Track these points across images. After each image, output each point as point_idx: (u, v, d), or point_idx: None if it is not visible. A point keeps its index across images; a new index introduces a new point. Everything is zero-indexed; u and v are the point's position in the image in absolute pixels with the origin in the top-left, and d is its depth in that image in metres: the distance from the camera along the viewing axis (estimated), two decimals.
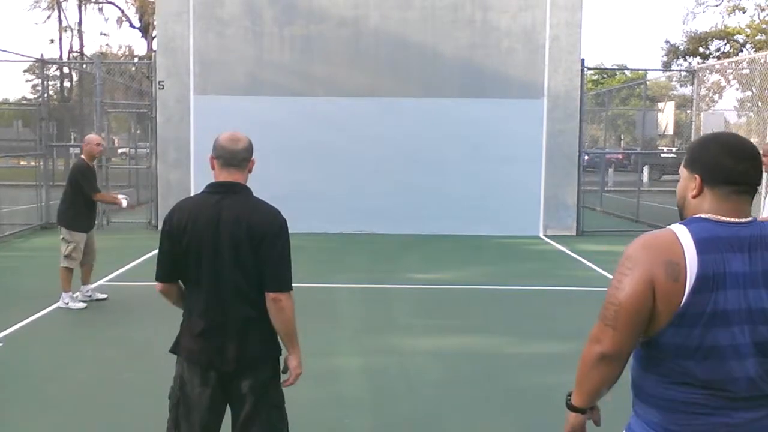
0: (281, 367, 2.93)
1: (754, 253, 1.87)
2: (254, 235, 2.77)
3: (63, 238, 7.31)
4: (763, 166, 2.20)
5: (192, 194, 4.32)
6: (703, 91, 16.13)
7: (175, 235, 2.83)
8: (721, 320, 1.82)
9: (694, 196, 2.06)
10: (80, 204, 7.23)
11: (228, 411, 2.96)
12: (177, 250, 2.83)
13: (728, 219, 1.92)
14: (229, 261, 2.77)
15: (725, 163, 1.93)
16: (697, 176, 2.04)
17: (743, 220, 1.92)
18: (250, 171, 3.00)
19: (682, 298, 1.82)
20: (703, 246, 1.86)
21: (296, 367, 2.97)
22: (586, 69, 13.44)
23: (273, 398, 2.91)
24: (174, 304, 3.09)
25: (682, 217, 2.14)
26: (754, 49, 29.91)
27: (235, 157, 2.89)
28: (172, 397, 3.08)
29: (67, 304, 7.14)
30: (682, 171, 2.15)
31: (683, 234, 1.93)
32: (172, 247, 2.85)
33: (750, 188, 1.94)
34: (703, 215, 1.98)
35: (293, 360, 2.95)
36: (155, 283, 2.98)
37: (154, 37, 19.99)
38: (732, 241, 1.87)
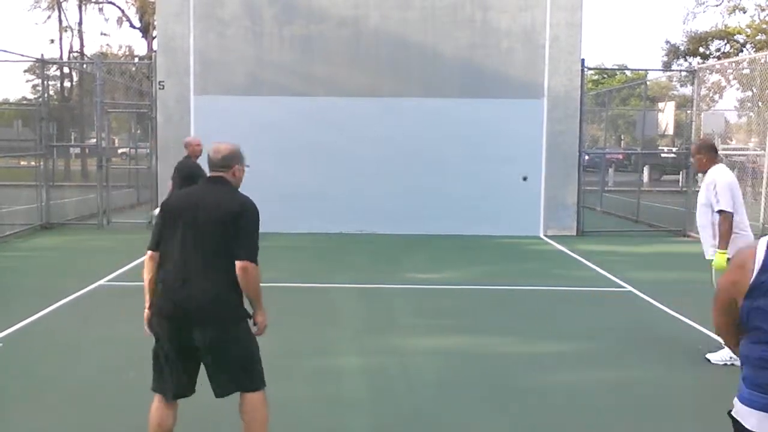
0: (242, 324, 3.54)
1: None
2: (228, 216, 3.41)
3: None
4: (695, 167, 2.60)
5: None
6: (703, 91, 16.12)
7: (167, 213, 3.54)
8: None
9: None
10: None
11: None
12: (166, 225, 3.51)
13: None
14: (205, 234, 3.41)
15: None
16: None
17: None
18: (234, 175, 3.62)
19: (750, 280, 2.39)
20: None
21: (262, 321, 3.68)
22: (586, 69, 13.44)
23: (235, 350, 3.50)
24: (148, 273, 3.55)
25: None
26: (754, 49, 29.90)
27: (216, 163, 3.62)
28: (153, 352, 3.59)
29: None
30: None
31: (763, 241, 2.45)
32: (164, 222, 3.53)
33: None
34: None
35: (259, 316, 3.66)
36: (146, 254, 3.57)
37: (155, 37, 19.99)
38: None
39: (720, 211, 5.37)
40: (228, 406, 3.76)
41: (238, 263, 3.36)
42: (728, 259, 5.23)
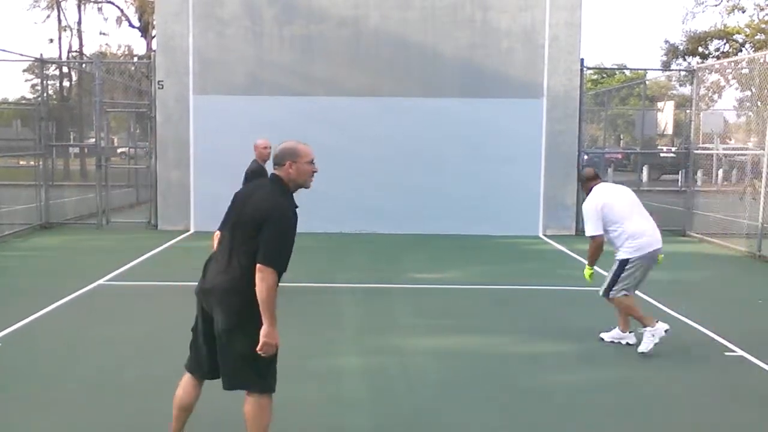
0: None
1: None
2: (258, 215, 3.49)
3: None
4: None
5: (191, 194, 5.02)
6: (702, 91, 16.13)
7: (232, 202, 3.83)
8: None
9: None
10: None
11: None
12: (228, 212, 3.95)
13: None
14: (239, 229, 3.55)
15: None
16: None
17: None
18: (288, 172, 3.72)
19: None
20: None
21: (265, 334, 3.44)
22: (585, 69, 13.44)
23: (241, 344, 3.50)
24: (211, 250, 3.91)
25: None
26: (753, 49, 29.92)
27: (273, 161, 3.83)
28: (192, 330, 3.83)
29: None
30: None
31: None
32: (228, 209, 3.93)
33: None
34: None
35: (264, 327, 3.43)
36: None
37: (154, 36, 19.99)
38: None
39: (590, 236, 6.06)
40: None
41: (257, 265, 3.40)
42: (592, 273, 6.24)
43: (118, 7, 34.65)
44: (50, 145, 15.46)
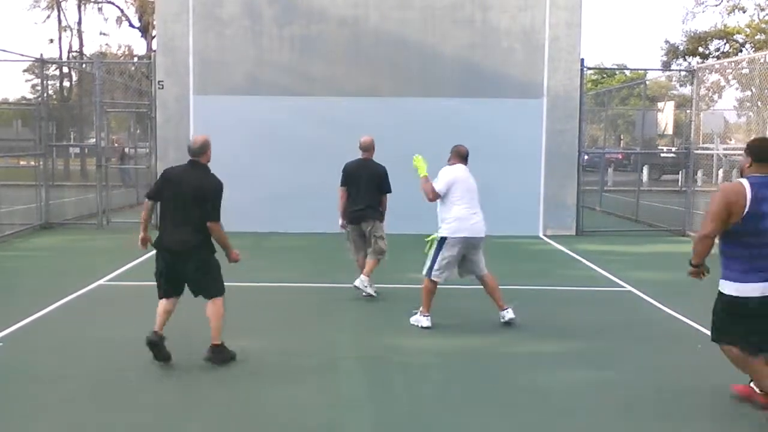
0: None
1: None
2: (204, 190, 5.28)
3: (381, 235, 7.66)
4: None
5: None
6: (702, 91, 16.13)
7: (166, 181, 5.42)
8: (762, 216, 4.34)
9: (748, 167, 4.47)
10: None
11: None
12: (163, 188, 5.43)
13: (762, 174, 4.41)
14: (190, 201, 5.24)
15: (765, 150, 4.47)
16: (750, 157, 4.48)
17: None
18: (208, 160, 5.46)
19: (746, 207, 4.33)
20: (754, 185, 4.36)
21: (234, 256, 5.59)
22: (585, 69, 13.44)
23: (210, 270, 5.45)
24: (144, 215, 5.54)
25: (742, 176, 4.54)
26: (753, 49, 29.93)
27: (194, 151, 5.41)
28: (156, 272, 5.45)
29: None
30: (745, 156, 4.55)
31: (745, 182, 4.40)
32: (162, 185, 5.45)
33: None
34: (752, 174, 4.43)
35: (230, 253, 5.57)
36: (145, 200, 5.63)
37: (154, 36, 19.99)
38: (763, 182, 4.38)
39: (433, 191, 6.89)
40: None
41: (211, 223, 5.31)
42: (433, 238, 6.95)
43: (118, 8, 34.70)
44: (50, 146, 15.47)
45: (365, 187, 7.70)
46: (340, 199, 7.84)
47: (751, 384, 4.70)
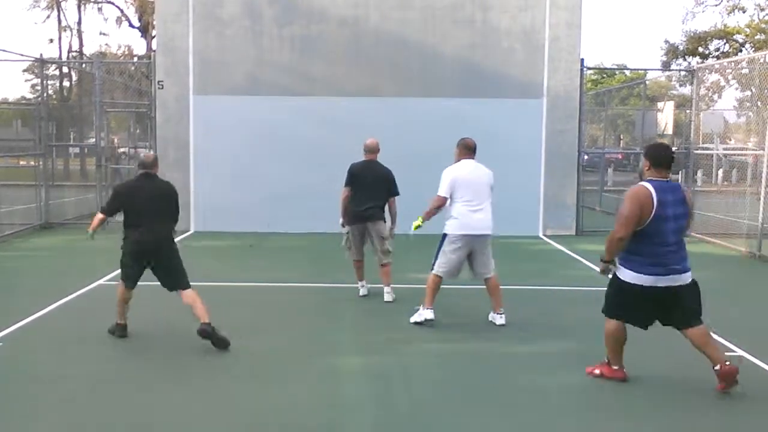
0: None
1: (673, 192, 4.91)
2: (170, 195, 6.25)
3: (387, 236, 7.68)
4: None
5: (192, 193, 8.52)
6: (702, 91, 16.13)
7: (126, 195, 6.16)
8: (667, 221, 4.84)
9: (647, 170, 4.97)
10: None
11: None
12: (126, 201, 6.12)
13: (662, 179, 4.91)
14: (160, 207, 6.13)
15: (661, 156, 4.96)
16: (648, 162, 4.97)
17: (672, 184, 4.91)
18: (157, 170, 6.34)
19: (653, 210, 4.79)
20: (657, 189, 4.81)
21: None
22: (585, 69, 13.44)
23: (177, 261, 6.18)
24: (95, 227, 6.28)
25: (641, 179, 4.97)
26: (753, 49, 29.93)
27: (149, 165, 6.27)
28: (128, 270, 6.16)
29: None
30: (644, 160, 5.03)
31: (649, 185, 4.84)
32: (126, 199, 6.14)
33: (670, 169, 4.95)
34: (652, 178, 4.91)
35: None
36: (99, 215, 6.29)
37: (154, 36, 19.97)
38: (665, 187, 4.86)
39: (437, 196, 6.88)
40: None
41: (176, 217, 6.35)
42: (418, 226, 7.07)
43: (118, 8, 34.68)
44: (50, 145, 15.46)
45: (371, 188, 7.71)
46: (344, 199, 7.79)
47: (715, 367, 5.07)
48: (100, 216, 6.23)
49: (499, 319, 6.75)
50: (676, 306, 5.00)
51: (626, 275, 5.00)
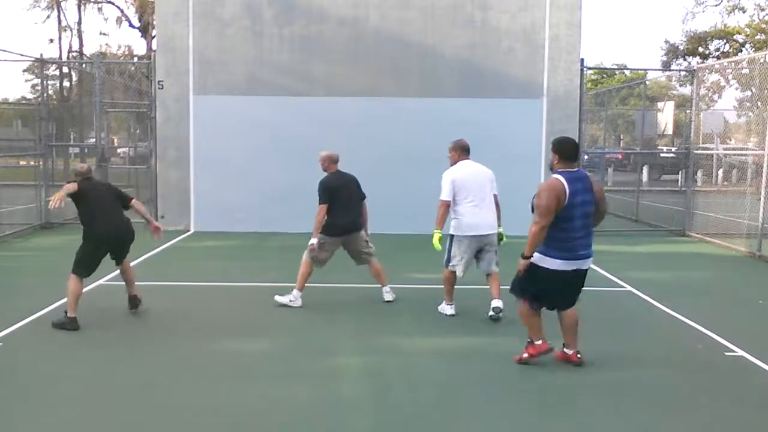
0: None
1: (581, 181, 5.30)
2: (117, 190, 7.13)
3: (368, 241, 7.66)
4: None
5: (191, 194, 9.05)
6: (702, 91, 16.13)
7: (87, 191, 6.68)
8: (575, 207, 5.24)
9: (557, 163, 5.37)
10: None
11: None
12: (90, 196, 6.71)
13: (571, 169, 5.32)
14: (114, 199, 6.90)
15: (568, 149, 5.39)
16: (557, 155, 5.39)
17: (579, 173, 5.36)
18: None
19: (566, 199, 5.20)
20: (567, 180, 5.23)
21: (156, 227, 7.28)
22: (585, 69, 13.43)
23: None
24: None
25: (552, 171, 5.39)
26: (753, 49, 29.93)
27: (89, 171, 7.05)
28: (89, 257, 6.69)
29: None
30: (552, 154, 5.42)
31: (560, 177, 5.26)
32: (87, 193, 6.71)
33: (576, 160, 5.40)
34: (562, 170, 5.32)
35: (152, 224, 7.27)
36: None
37: (154, 36, 19.98)
38: (574, 177, 5.28)
39: (441, 201, 6.91)
40: None
41: (129, 204, 7.04)
42: (440, 237, 6.99)
43: (118, 7, 34.67)
44: (50, 145, 15.45)
45: (350, 198, 7.69)
46: (322, 217, 7.62)
47: (565, 349, 5.61)
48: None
49: (496, 302, 6.89)
50: (578, 288, 5.52)
51: (540, 259, 5.35)
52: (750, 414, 4.79)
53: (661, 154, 27.28)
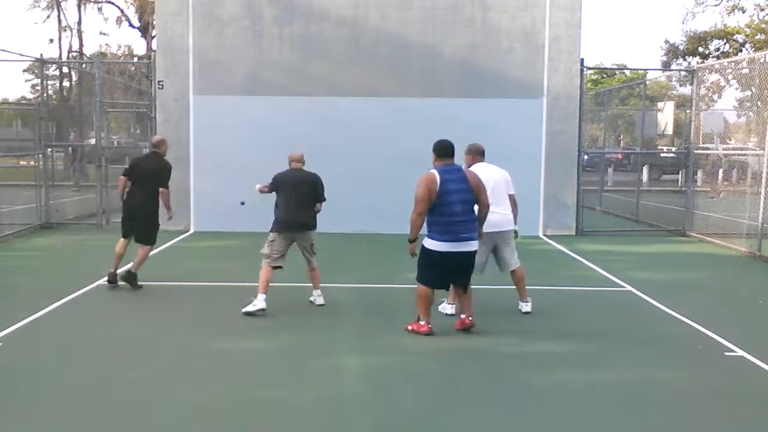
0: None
1: (454, 173, 6.34)
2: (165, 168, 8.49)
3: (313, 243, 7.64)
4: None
5: (191, 194, 7.50)
6: (702, 91, 16.14)
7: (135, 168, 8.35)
8: (451, 194, 6.19)
9: (435, 161, 6.42)
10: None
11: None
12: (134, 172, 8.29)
13: (446, 166, 6.37)
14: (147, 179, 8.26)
15: (443, 149, 6.48)
16: (435, 155, 6.47)
17: (453, 167, 6.39)
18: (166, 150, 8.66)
19: (437, 187, 6.16)
20: (440, 172, 6.27)
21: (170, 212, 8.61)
22: (585, 69, 13.44)
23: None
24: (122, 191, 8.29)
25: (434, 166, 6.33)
26: (753, 49, 29.93)
27: (154, 144, 8.81)
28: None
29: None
30: (433, 155, 6.48)
31: (435, 171, 6.28)
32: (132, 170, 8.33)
33: (451, 157, 6.48)
34: (437, 166, 6.37)
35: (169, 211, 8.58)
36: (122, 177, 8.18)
37: (154, 36, 19.99)
38: (447, 170, 6.32)
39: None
40: None
41: (161, 190, 8.25)
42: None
43: (118, 7, 34.66)
44: (50, 145, 15.46)
45: (297, 197, 7.81)
46: (262, 186, 8.15)
47: (462, 316, 6.51)
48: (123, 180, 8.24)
49: (525, 307, 7.27)
50: (465, 270, 6.35)
51: (429, 243, 6.25)
52: (750, 414, 4.79)
53: (661, 154, 27.27)
